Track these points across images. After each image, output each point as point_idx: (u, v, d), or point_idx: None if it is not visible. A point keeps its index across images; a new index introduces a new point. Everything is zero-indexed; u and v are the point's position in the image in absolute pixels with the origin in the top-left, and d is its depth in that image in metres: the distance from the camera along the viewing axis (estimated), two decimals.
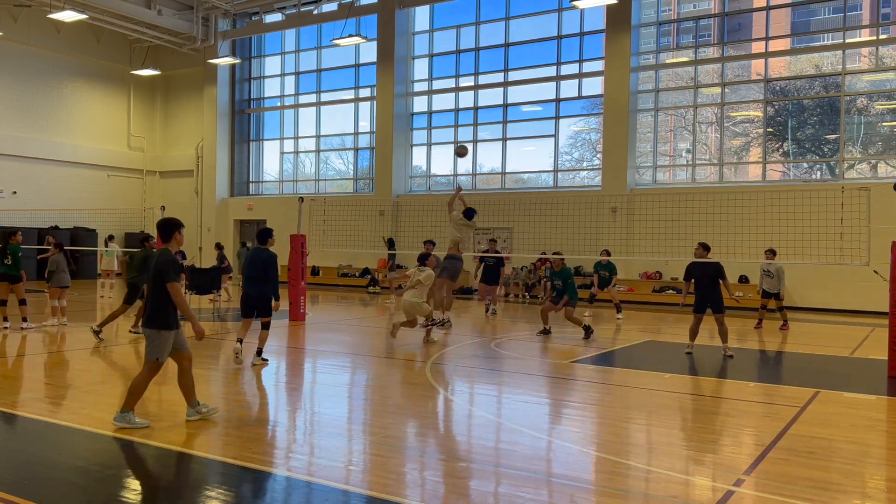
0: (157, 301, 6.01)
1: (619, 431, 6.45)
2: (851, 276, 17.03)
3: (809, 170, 20.41)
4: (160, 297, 5.99)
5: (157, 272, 6.00)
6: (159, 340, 6.00)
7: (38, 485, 4.75)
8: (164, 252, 6.09)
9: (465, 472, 5.23)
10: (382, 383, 8.53)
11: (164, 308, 5.99)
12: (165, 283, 5.95)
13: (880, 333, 13.06)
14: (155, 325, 5.99)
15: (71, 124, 27.72)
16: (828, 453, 5.75)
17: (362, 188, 27.17)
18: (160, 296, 5.99)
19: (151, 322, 6.01)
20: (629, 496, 4.73)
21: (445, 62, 25.24)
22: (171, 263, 6.02)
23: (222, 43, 28.13)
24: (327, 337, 12.31)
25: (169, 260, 6.03)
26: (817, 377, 9.44)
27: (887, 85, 19.24)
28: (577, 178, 23.51)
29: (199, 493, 4.79)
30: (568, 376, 9.04)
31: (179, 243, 6.24)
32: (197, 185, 29.78)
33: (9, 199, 25.25)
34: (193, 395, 6.30)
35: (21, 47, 25.67)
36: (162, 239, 6.19)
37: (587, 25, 22.64)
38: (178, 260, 6.29)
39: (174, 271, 6.00)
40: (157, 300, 6.01)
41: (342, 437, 6.12)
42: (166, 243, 6.16)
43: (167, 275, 5.96)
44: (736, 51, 21.26)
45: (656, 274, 20.83)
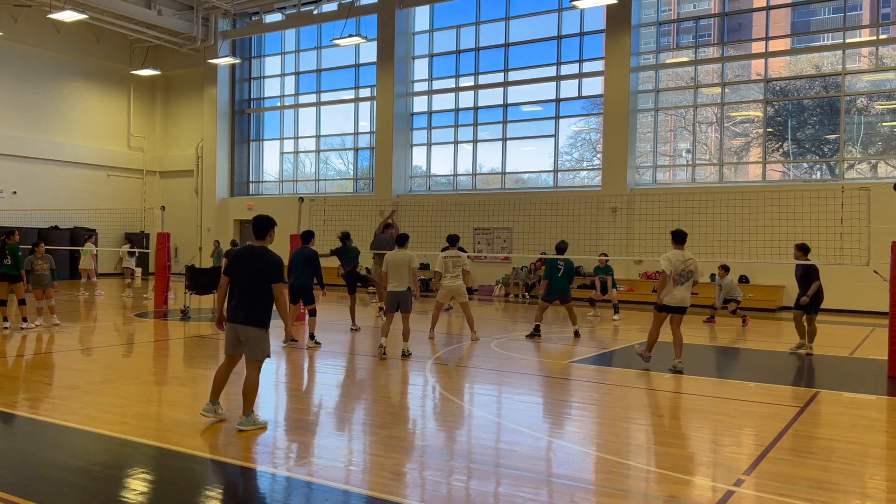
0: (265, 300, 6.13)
1: (619, 431, 6.45)
2: (851, 276, 17.02)
3: (809, 170, 20.41)
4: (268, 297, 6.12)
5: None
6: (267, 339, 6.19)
7: (38, 485, 4.75)
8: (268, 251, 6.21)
9: (465, 472, 5.23)
10: (382, 383, 8.53)
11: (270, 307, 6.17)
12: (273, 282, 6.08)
13: (880, 333, 13.06)
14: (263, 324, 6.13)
15: (71, 124, 27.72)
16: (828, 453, 5.75)
17: (362, 188, 27.17)
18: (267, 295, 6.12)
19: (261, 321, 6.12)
20: (629, 496, 4.73)
21: (445, 62, 25.24)
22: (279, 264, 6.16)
23: (222, 43, 28.13)
24: (327, 337, 12.31)
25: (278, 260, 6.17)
26: (817, 377, 9.44)
27: (887, 85, 19.24)
28: (577, 178, 23.52)
29: (199, 493, 4.79)
30: (568, 376, 9.04)
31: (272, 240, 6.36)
32: (197, 185, 29.78)
33: (9, 199, 25.25)
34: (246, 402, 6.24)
35: (21, 47, 25.66)
36: (256, 237, 6.27)
37: (587, 25, 22.64)
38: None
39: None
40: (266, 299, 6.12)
41: (342, 437, 6.12)
42: (261, 241, 6.25)
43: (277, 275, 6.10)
44: (736, 51, 21.26)
45: (656, 274, 20.83)
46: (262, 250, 6.18)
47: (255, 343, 6.09)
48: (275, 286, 6.06)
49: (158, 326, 13.49)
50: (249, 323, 6.05)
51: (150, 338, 12.18)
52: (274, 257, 6.15)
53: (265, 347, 6.13)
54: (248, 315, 6.05)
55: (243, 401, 6.13)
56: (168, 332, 12.84)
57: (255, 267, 6.08)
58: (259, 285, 6.07)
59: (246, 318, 6.06)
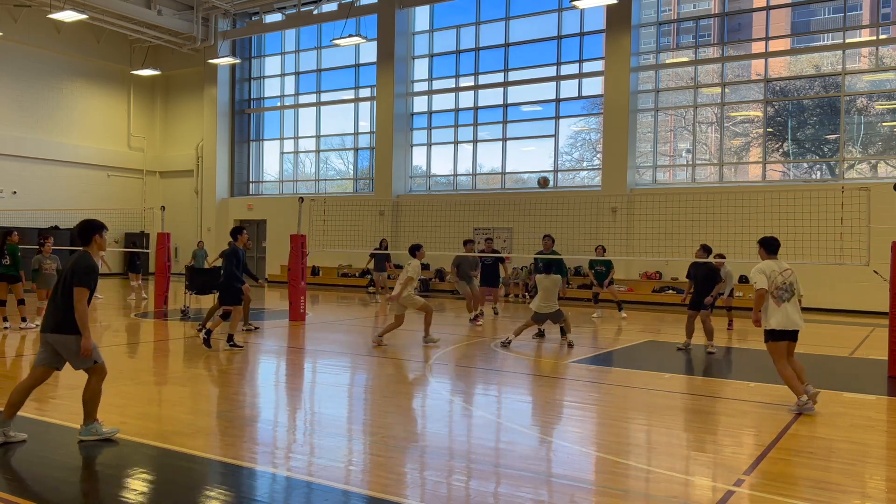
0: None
1: (619, 431, 6.45)
2: (851, 276, 17.02)
3: (809, 170, 20.41)
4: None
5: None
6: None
7: (38, 485, 4.75)
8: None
9: (465, 472, 5.23)
10: (382, 383, 8.53)
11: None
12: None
13: (880, 333, 13.06)
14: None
15: (71, 124, 27.72)
16: (828, 453, 5.75)
17: (362, 188, 27.17)
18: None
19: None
20: (629, 496, 4.72)
21: (445, 62, 25.24)
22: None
23: (222, 43, 28.13)
24: (327, 337, 12.31)
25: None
26: (817, 377, 9.43)
27: (887, 85, 19.24)
28: (577, 178, 23.52)
29: (199, 493, 4.79)
30: (568, 376, 9.04)
31: (101, 247, 5.84)
32: (197, 185, 29.78)
33: (9, 199, 25.25)
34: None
35: (21, 47, 25.66)
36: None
37: (587, 25, 22.64)
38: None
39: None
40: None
41: (342, 437, 6.12)
42: (87, 247, 5.79)
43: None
44: (736, 51, 21.26)
45: (656, 274, 20.84)
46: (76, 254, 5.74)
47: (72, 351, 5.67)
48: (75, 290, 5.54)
49: (158, 326, 13.49)
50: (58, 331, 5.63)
51: (150, 338, 12.18)
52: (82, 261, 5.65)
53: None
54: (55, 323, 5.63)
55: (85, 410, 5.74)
56: (168, 332, 12.84)
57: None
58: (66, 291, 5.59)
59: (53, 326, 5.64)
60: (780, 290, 7.20)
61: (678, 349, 11.18)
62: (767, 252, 7.53)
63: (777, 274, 7.24)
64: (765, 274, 7.24)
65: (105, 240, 5.87)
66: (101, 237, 5.81)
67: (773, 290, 7.20)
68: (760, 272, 7.27)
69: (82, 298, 5.54)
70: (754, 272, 7.32)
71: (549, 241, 12.85)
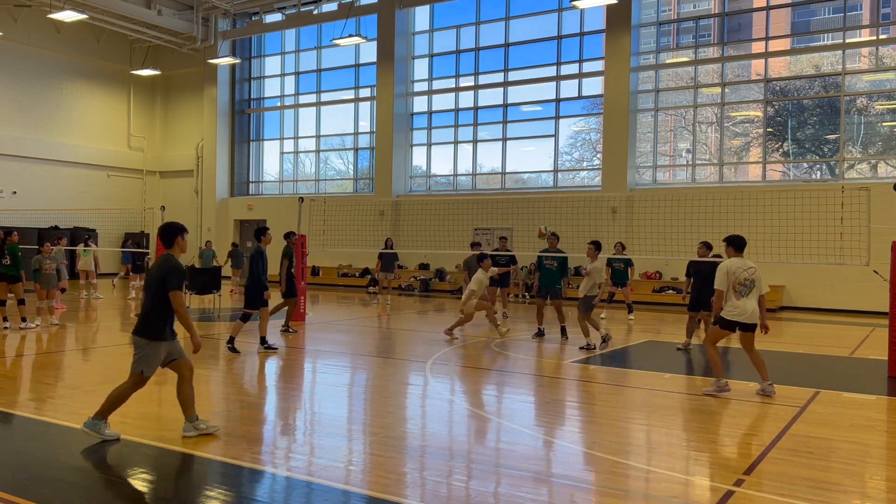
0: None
1: (619, 431, 6.45)
2: (851, 276, 17.02)
3: (809, 170, 20.41)
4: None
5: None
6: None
7: (38, 485, 4.75)
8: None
9: (465, 472, 5.23)
10: (382, 383, 8.53)
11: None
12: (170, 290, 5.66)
13: (880, 333, 13.06)
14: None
15: (71, 124, 27.72)
16: (828, 453, 5.75)
17: (362, 188, 27.17)
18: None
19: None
20: (629, 496, 4.72)
21: (445, 62, 25.24)
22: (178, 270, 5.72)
23: (222, 43, 28.13)
24: (327, 337, 12.31)
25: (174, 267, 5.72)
26: (817, 377, 9.44)
27: (887, 85, 19.24)
28: (577, 178, 23.51)
29: (199, 493, 4.79)
30: (568, 376, 9.04)
31: (183, 249, 5.91)
32: (197, 185, 29.78)
33: (9, 199, 25.25)
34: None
35: (21, 47, 25.66)
36: (164, 244, 5.93)
37: (587, 25, 22.64)
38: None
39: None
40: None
41: (342, 437, 6.12)
42: (169, 248, 5.89)
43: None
44: (736, 51, 21.26)
45: (656, 274, 20.84)
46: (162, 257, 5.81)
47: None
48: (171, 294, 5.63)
49: None
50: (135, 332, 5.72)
51: None
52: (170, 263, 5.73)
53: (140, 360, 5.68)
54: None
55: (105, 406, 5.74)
56: None
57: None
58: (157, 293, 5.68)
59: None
60: (742, 286, 7.78)
61: (678, 349, 11.19)
62: (735, 250, 8.08)
63: (742, 271, 7.80)
64: (728, 273, 7.80)
65: (186, 241, 5.97)
66: (182, 239, 5.90)
67: (736, 285, 7.77)
68: (724, 271, 7.85)
69: (180, 301, 5.65)
70: (719, 270, 7.88)
71: (555, 240, 12.82)
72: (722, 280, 7.82)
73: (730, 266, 7.86)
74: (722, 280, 7.82)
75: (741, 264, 7.89)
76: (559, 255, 12.47)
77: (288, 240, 12.72)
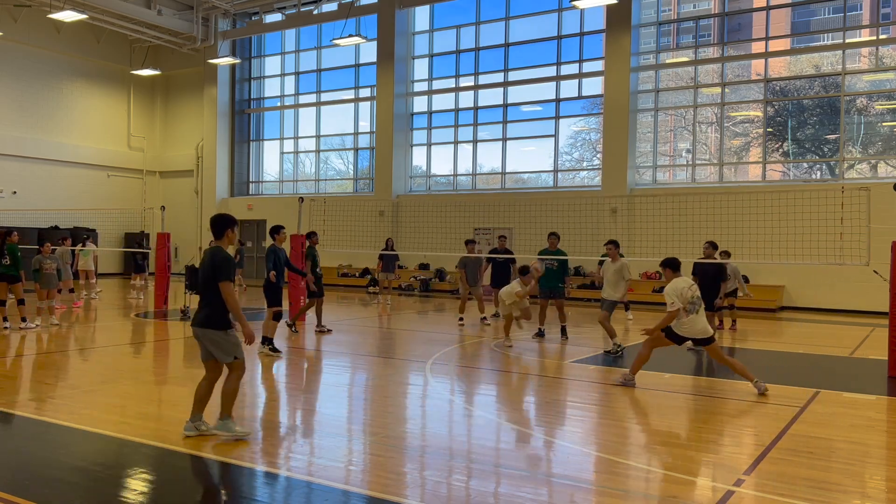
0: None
1: (619, 431, 6.45)
2: (851, 276, 17.03)
3: (809, 170, 20.41)
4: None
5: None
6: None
7: (38, 485, 4.75)
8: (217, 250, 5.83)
9: (465, 472, 5.23)
10: (382, 383, 8.53)
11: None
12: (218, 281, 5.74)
13: (880, 333, 13.06)
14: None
15: (71, 124, 27.72)
16: (828, 453, 5.75)
17: (362, 188, 27.17)
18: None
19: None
20: (629, 496, 4.72)
21: (445, 62, 25.24)
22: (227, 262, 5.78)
23: (222, 43, 28.13)
24: (327, 337, 12.31)
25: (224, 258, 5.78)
26: (817, 377, 9.44)
27: (887, 85, 19.23)
28: (577, 178, 23.51)
29: (198, 493, 4.79)
30: (568, 376, 9.04)
31: (231, 241, 5.99)
32: (197, 185, 29.77)
33: (9, 199, 25.24)
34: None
35: (21, 47, 25.66)
36: (215, 236, 6.01)
37: (587, 25, 22.64)
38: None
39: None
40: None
41: (342, 437, 6.12)
42: (219, 240, 5.96)
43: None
44: (736, 51, 21.25)
45: (656, 274, 20.83)
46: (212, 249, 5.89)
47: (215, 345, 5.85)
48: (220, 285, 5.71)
49: (158, 326, 13.49)
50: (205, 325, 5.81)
51: (150, 338, 12.18)
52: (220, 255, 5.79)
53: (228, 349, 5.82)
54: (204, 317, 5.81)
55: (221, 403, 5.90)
56: (168, 332, 12.84)
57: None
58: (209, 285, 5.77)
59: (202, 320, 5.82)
60: (691, 304, 8.01)
61: (689, 350, 11.01)
62: (674, 272, 8.35)
63: (686, 290, 8.00)
64: (678, 294, 7.97)
65: (236, 234, 6.05)
66: (232, 231, 5.96)
67: (686, 304, 7.98)
68: (675, 293, 7.99)
69: (230, 291, 5.71)
70: (669, 293, 8.03)
71: (555, 239, 12.79)
72: (676, 299, 8.00)
73: (679, 286, 8.05)
74: (676, 299, 8.00)
75: (685, 283, 8.12)
76: (560, 256, 12.48)
77: (310, 240, 12.98)
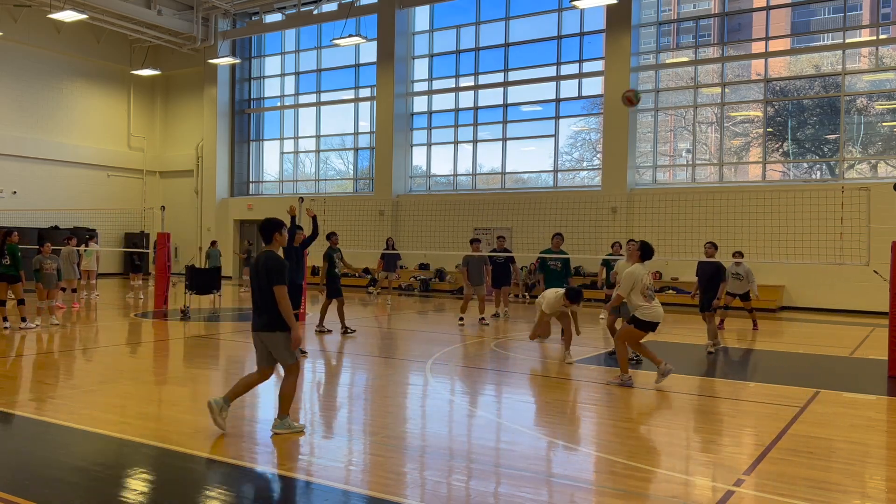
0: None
1: (619, 431, 6.45)
2: (851, 276, 17.03)
3: (809, 170, 20.41)
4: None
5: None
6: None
7: (38, 485, 4.75)
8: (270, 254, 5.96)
9: (465, 472, 5.23)
10: (382, 383, 8.53)
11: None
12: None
13: (880, 333, 13.06)
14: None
15: (71, 124, 27.72)
16: (828, 453, 5.75)
17: (362, 188, 27.17)
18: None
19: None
20: (629, 496, 4.72)
21: (445, 62, 25.24)
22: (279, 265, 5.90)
23: (222, 43, 28.13)
24: (327, 337, 12.31)
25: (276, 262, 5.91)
26: (817, 377, 9.44)
27: (887, 85, 19.23)
28: (577, 178, 23.52)
29: (199, 493, 4.79)
30: (568, 376, 9.04)
31: (281, 243, 6.13)
32: (197, 185, 29.78)
33: (9, 199, 25.25)
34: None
35: (21, 47, 25.66)
36: (264, 240, 6.13)
37: (587, 25, 22.64)
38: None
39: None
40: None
41: (342, 437, 6.12)
42: (269, 245, 6.08)
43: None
44: (736, 51, 21.25)
45: (656, 274, 20.82)
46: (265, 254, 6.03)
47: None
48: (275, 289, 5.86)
49: (158, 326, 13.49)
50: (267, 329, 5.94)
51: (150, 338, 12.18)
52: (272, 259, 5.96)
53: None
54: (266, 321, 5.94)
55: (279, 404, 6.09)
56: (168, 332, 12.84)
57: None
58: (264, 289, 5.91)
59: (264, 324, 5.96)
60: (649, 290, 8.19)
61: (708, 353, 10.95)
62: (643, 258, 8.37)
63: (645, 276, 8.18)
64: (634, 279, 8.11)
65: (285, 237, 6.19)
66: (280, 234, 6.08)
67: (644, 289, 8.14)
68: (631, 277, 8.15)
69: (284, 295, 5.82)
70: (626, 276, 8.18)
71: (560, 240, 12.77)
72: (627, 286, 8.14)
73: (639, 272, 8.20)
74: (627, 286, 8.14)
75: (644, 271, 8.27)
76: (562, 255, 12.47)
77: (329, 240, 12.89)
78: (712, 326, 11.06)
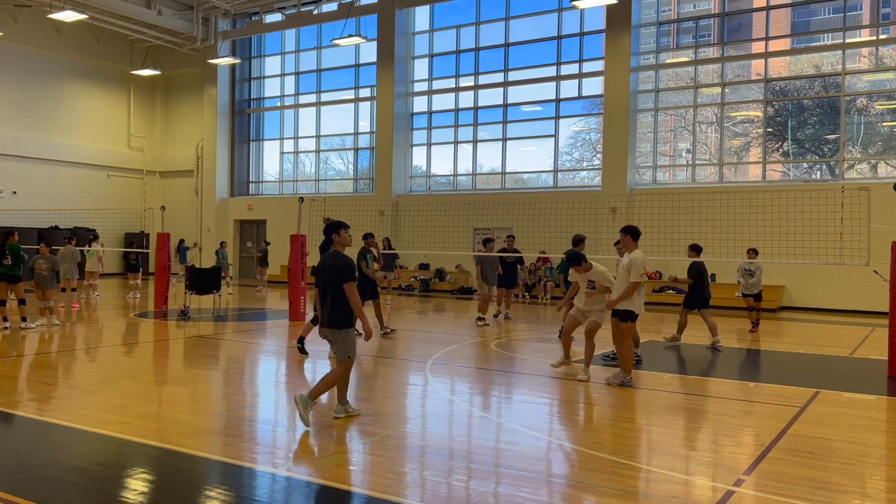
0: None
1: (619, 431, 6.45)
2: (851, 276, 17.03)
3: (809, 170, 20.41)
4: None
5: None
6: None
7: (38, 485, 4.75)
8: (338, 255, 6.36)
9: (465, 472, 5.23)
10: (382, 383, 8.53)
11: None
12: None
13: (880, 333, 13.06)
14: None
15: (71, 124, 27.72)
16: (828, 453, 5.75)
17: (362, 188, 27.18)
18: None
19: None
20: (629, 496, 4.72)
21: (445, 62, 25.24)
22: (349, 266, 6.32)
23: (222, 43, 28.13)
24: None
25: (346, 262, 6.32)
26: (817, 377, 9.44)
27: (887, 85, 19.23)
28: (577, 178, 23.51)
29: (199, 493, 4.79)
30: (568, 376, 9.03)
31: (344, 243, 6.54)
32: (197, 185, 29.78)
33: (9, 199, 25.25)
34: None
35: (21, 47, 25.66)
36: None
37: (587, 25, 22.64)
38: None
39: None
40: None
41: (342, 437, 6.12)
42: (334, 247, 6.49)
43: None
44: (736, 51, 21.25)
45: (656, 274, 20.82)
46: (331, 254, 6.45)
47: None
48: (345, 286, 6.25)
49: (158, 326, 13.49)
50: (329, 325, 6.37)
51: (150, 338, 12.18)
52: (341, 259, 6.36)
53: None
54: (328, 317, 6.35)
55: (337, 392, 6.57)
56: (168, 332, 12.84)
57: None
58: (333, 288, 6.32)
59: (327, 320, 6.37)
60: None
61: (716, 348, 11.13)
62: (634, 240, 8.43)
63: (645, 262, 8.09)
64: (644, 261, 8.05)
65: (343, 237, 6.57)
66: (338, 235, 6.54)
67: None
68: (642, 260, 8.05)
69: (353, 291, 6.24)
70: (637, 262, 8.04)
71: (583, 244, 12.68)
72: (641, 269, 8.05)
73: (642, 255, 8.16)
74: (641, 269, 8.05)
75: (642, 253, 8.21)
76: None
77: (365, 241, 12.90)
78: (710, 322, 11.29)
